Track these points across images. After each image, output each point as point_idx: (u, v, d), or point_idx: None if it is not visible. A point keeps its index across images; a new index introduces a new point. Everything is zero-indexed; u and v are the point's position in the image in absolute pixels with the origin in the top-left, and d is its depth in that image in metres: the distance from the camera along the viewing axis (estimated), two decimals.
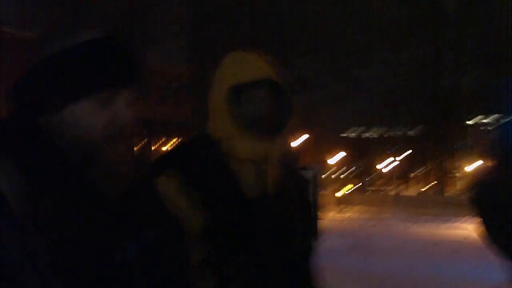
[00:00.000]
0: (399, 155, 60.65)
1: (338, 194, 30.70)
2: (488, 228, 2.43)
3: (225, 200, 2.13)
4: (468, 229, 19.58)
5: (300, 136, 29.92)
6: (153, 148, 47.84)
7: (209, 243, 2.05)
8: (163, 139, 46.52)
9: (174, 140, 45.49)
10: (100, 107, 1.21)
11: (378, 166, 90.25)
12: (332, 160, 70.33)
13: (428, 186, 72.56)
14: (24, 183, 1.09)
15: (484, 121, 56.30)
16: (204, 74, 18.07)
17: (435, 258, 11.57)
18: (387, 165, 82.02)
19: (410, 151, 52.92)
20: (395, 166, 58.02)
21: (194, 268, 1.78)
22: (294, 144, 31.90)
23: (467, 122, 62.08)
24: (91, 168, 1.19)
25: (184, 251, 1.47)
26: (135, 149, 1.34)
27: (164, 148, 46.49)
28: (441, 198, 49.04)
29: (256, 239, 2.13)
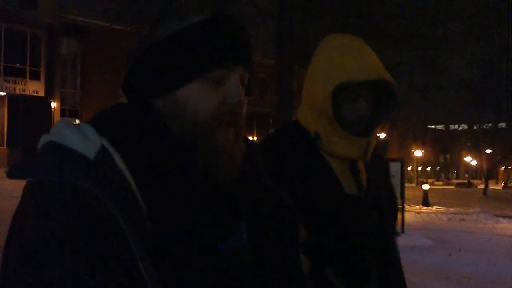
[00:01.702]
0: (488, 148, 58.98)
1: (425, 186, 30.05)
2: None
3: (327, 198, 2.01)
4: None
5: (385, 130, 29.50)
6: None
7: (312, 254, 1.93)
8: (247, 129, 46.95)
9: (257, 130, 45.99)
10: (213, 86, 1.19)
11: (466, 159, 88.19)
12: (419, 152, 69.26)
13: None
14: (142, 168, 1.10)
15: None
16: (289, 66, 17.99)
17: None
18: (475, 158, 79.98)
19: (500, 144, 51.24)
20: (484, 159, 56.37)
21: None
22: (381, 135, 31.51)
23: None
24: (202, 150, 1.18)
25: (297, 239, 1.41)
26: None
27: (249, 138, 46.99)
28: None
29: (359, 240, 2.01)
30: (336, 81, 1.95)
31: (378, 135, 2.24)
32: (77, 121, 1.15)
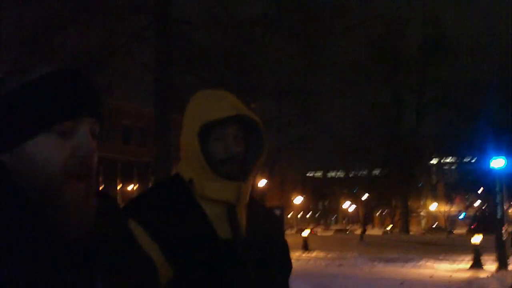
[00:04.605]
0: (364, 195, 60.99)
1: (304, 233, 30.63)
2: None
3: (198, 243, 2.03)
4: (434, 267, 19.74)
5: (265, 177, 29.94)
6: (118, 188, 47.59)
7: None
8: (127, 180, 46.28)
9: (137, 180, 45.38)
10: (62, 138, 1.16)
11: (344, 206, 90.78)
12: (297, 200, 70.58)
13: (392, 225, 73.01)
14: None
15: (447, 160, 57.43)
16: (167, 116, 17.99)
17: None
18: (352, 205, 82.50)
19: (375, 190, 53.19)
20: (360, 205, 58.24)
21: None
22: (260, 184, 31.86)
23: (430, 162, 63.17)
24: (51, 206, 1.15)
25: None
26: (100, 188, 1.30)
27: (128, 188, 46.42)
28: (406, 237, 49.40)
29: (233, 283, 2.03)
30: (200, 121, 2.06)
31: (256, 182, 2.33)
32: None
